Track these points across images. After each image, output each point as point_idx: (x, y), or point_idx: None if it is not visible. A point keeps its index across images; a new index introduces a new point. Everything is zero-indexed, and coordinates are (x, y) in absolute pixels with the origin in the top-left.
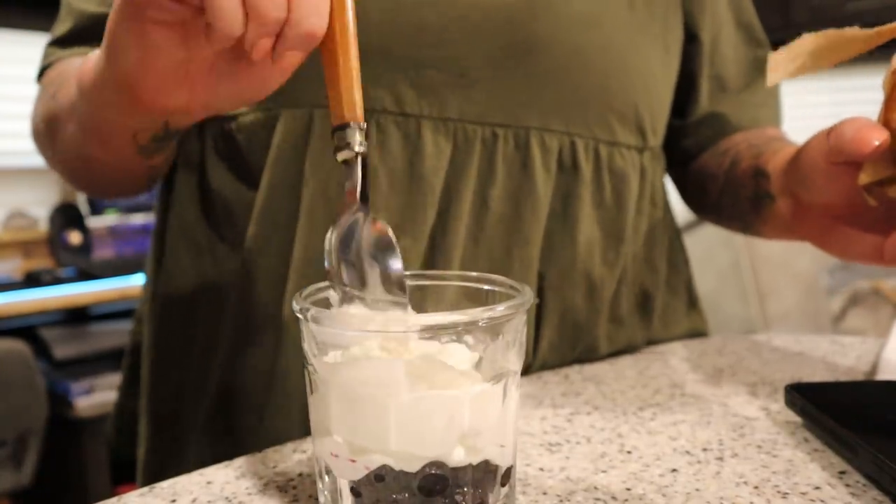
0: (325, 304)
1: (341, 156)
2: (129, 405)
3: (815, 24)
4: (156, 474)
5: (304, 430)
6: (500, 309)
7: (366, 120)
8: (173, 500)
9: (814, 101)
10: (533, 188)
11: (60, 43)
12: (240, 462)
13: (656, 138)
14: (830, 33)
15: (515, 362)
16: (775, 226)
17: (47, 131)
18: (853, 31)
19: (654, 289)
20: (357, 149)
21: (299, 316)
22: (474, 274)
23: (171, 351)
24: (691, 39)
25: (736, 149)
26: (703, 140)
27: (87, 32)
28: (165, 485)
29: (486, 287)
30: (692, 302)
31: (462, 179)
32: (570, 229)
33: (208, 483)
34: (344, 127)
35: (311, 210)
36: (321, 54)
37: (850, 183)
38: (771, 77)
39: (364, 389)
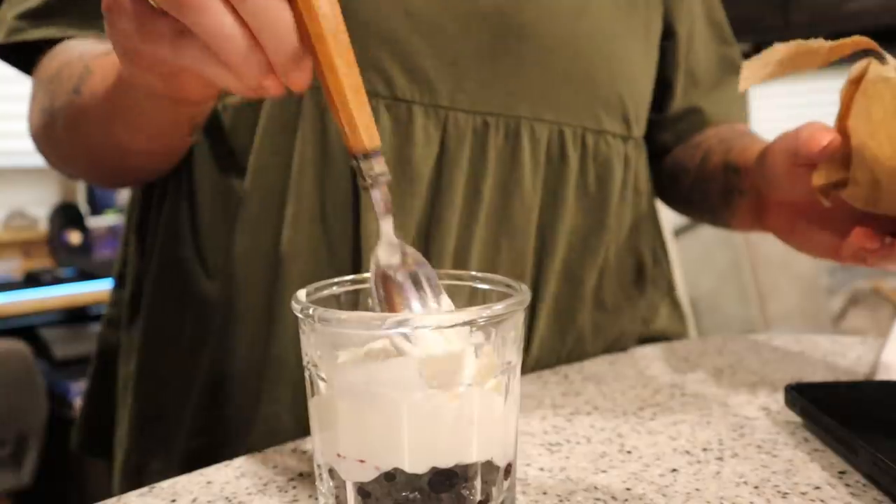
0: (329, 303)
1: (366, 183)
2: (100, 411)
3: (815, 24)
4: (138, 474)
5: (295, 422)
6: (498, 308)
7: None
8: (173, 500)
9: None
10: (521, 180)
11: (32, 17)
12: (240, 462)
13: (639, 128)
14: (796, 44)
15: (516, 358)
16: (743, 219)
17: (67, 127)
18: (816, 43)
19: (637, 278)
20: (382, 177)
21: (300, 316)
22: (471, 273)
23: (159, 347)
24: (669, 35)
25: (707, 143)
26: (681, 134)
27: (62, 5)
28: (165, 485)
29: (481, 286)
30: (674, 302)
31: (454, 169)
32: (557, 219)
33: (208, 483)
34: (368, 156)
35: (300, 195)
36: (321, 84)
37: (809, 184)
38: (743, 81)
39: (377, 390)
